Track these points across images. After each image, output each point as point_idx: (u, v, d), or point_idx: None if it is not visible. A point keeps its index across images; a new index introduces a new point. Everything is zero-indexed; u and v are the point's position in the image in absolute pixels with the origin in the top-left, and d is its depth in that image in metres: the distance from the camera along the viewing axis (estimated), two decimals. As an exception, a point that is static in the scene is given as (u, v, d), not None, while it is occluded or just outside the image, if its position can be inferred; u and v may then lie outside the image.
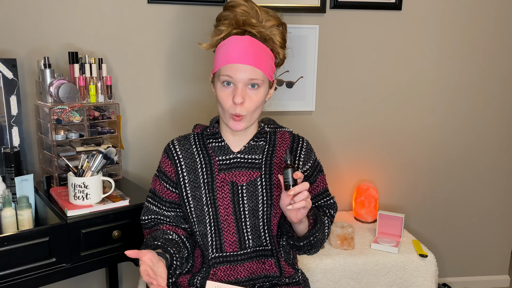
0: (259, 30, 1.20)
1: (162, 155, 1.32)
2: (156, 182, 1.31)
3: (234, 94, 1.17)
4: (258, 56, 1.18)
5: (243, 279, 1.24)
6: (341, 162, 2.13)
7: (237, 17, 1.22)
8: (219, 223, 1.23)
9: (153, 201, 1.30)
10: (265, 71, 1.19)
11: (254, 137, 1.29)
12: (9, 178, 1.44)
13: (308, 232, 1.22)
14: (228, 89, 1.19)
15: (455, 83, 2.13)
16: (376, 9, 1.98)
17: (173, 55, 1.87)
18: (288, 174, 1.11)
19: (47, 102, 1.57)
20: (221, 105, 1.20)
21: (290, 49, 1.37)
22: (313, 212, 1.24)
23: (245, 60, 1.16)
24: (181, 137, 1.33)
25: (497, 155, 2.24)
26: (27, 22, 1.70)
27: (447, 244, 2.31)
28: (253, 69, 1.17)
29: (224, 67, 1.18)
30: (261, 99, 1.20)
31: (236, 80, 1.17)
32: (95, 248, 1.39)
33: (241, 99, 1.16)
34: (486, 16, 2.07)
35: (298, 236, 1.24)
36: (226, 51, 1.19)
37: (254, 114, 1.22)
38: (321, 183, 1.34)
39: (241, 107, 1.17)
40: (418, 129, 2.15)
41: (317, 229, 1.23)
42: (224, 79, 1.18)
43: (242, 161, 1.26)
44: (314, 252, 1.30)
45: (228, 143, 1.28)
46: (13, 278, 1.24)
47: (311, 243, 1.24)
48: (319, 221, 1.24)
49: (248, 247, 1.25)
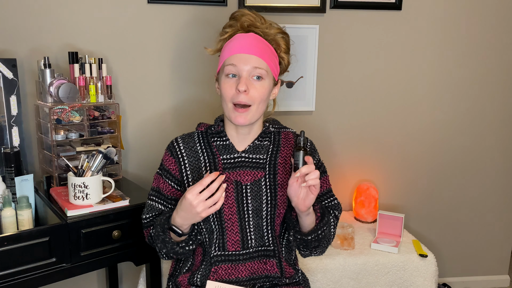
0: (263, 31, 1.24)
1: (165, 152, 1.30)
2: (159, 180, 1.30)
3: (238, 83, 1.18)
4: (262, 49, 1.21)
5: (244, 278, 1.24)
6: (341, 162, 2.13)
7: (242, 23, 1.26)
8: (222, 222, 1.23)
9: (158, 199, 1.29)
10: (269, 63, 1.21)
11: (258, 137, 1.29)
12: (9, 178, 1.44)
13: (316, 226, 1.21)
14: (232, 80, 1.20)
15: (455, 83, 2.13)
16: (376, 9, 1.98)
17: (173, 55, 1.87)
18: (299, 156, 1.10)
19: (47, 102, 1.57)
20: (224, 97, 1.21)
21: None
22: (320, 206, 1.24)
23: (249, 50, 1.19)
24: (185, 135, 1.32)
25: (497, 155, 2.24)
26: (27, 22, 1.70)
27: (447, 244, 2.31)
28: (257, 58, 1.19)
29: (228, 58, 1.20)
30: (266, 92, 1.21)
31: (240, 69, 1.18)
32: (95, 248, 1.39)
33: (245, 87, 1.17)
34: (486, 16, 2.07)
35: (305, 231, 1.23)
36: (231, 46, 1.22)
37: (259, 108, 1.21)
38: (325, 183, 1.34)
39: (245, 96, 1.17)
40: (418, 129, 2.15)
41: (325, 222, 1.22)
42: (228, 69, 1.19)
43: (247, 161, 1.26)
44: (320, 253, 1.29)
45: (233, 142, 1.28)
46: (13, 278, 1.24)
47: (319, 238, 1.22)
48: (326, 214, 1.24)
49: (251, 247, 1.25)
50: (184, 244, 1.20)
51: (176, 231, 1.17)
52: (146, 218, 1.30)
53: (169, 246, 1.19)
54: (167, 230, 1.18)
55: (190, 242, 1.20)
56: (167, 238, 1.19)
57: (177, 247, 1.20)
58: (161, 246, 1.21)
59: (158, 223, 1.22)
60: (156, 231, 1.22)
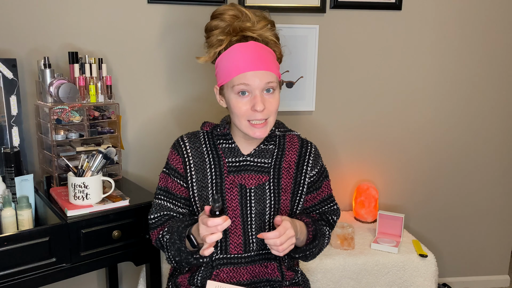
0: (259, 34, 1.19)
1: (171, 151, 1.29)
2: (167, 179, 1.27)
3: (254, 103, 1.14)
4: (267, 59, 1.17)
5: (245, 281, 1.24)
6: (341, 162, 2.13)
7: (230, 23, 1.19)
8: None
9: (167, 199, 1.27)
10: (276, 73, 1.19)
11: (264, 140, 1.27)
12: (9, 178, 1.44)
13: (305, 246, 1.23)
14: (244, 99, 1.16)
15: (455, 83, 2.13)
16: (376, 9, 1.98)
17: (173, 55, 1.87)
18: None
19: (47, 102, 1.57)
20: (237, 114, 1.17)
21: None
22: (314, 228, 1.24)
23: (258, 66, 1.14)
24: (191, 134, 1.30)
25: (497, 155, 2.24)
26: (27, 22, 1.70)
27: (447, 244, 2.31)
28: (267, 73, 1.15)
29: (237, 77, 1.15)
30: (278, 102, 1.20)
31: (253, 87, 1.14)
32: (95, 248, 1.39)
33: (262, 106, 1.14)
34: (486, 15, 2.07)
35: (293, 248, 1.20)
36: (234, 61, 1.16)
37: (275, 117, 1.21)
38: (326, 189, 1.34)
39: (262, 113, 1.16)
40: (418, 129, 2.15)
41: (315, 245, 1.23)
42: (239, 88, 1.15)
43: (252, 164, 1.25)
44: (310, 260, 1.30)
45: (239, 145, 1.27)
46: (13, 278, 1.24)
47: (305, 255, 1.24)
48: (318, 236, 1.24)
49: (252, 250, 1.25)
50: (199, 255, 1.14)
51: (193, 241, 1.12)
52: (154, 218, 1.27)
53: (184, 256, 1.15)
54: (184, 238, 1.14)
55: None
56: (183, 247, 1.14)
57: (191, 257, 1.14)
58: (175, 254, 1.18)
59: (175, 230, 1.17)
60: (171, 237, 1.18)
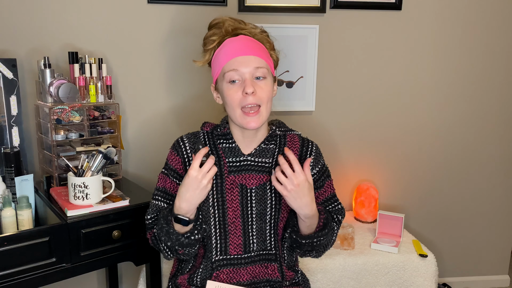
0: (250, 31, 1.24)
1: (170, 151, 1.29)
2: (166, 180, 1.27)
3: (244, 86, 1.16)
4: (257, 48, 1.21)
5: (245, 282, 1.24)
6: (341, 162, 2.13)
7: (227, 28, 1.25)
8: (226, 225, 1.22)
9: (164, 199, 1.27)
10: (267, 61, 1.21)
11: (265, 140, 1.27)
12: (9, 178, 1.44)
13: (314, 233, 1.20)
14: (236, 85, 1.18)
15: (455, 82, 2.13)
16: (376, 9, 1.98)
17: (173, 55, 1.87)
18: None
19: (47, 102, 1.57)
20: (231, 104, 1.19)
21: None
22: (326, 216, 1.22)
23: (247, 52, 1.18)
24: (190, 135, 1.30)
25: (497, 155, 2.24)
26: (27, 22, 1.70)
27: (447, 244, 2.31)
28: (256, 58, 1.18)
29: (227, 64, 1.18)
30: (270, 90, 1.21)
31: (242, 72, 1.17)
32: (95, 248, 1.39)
33: (252, 89, 1.15)
34: (486, 15, 2.07)
35: (302, 234, 1.22)
36: (224, 52, 1.20)
37: (268, 107, 1.20)
38: (329, 188, 1.32)
39: (253, 97, 1.16)
40: (418, 129, 2.15)
41: (324, 233, 1.20)
42: (229, 75, 1.18)
43: (253, 164, 1.25)
44: (316, 256, 1.29)
45: (239, 145, 1.27)
46: (13, 278, 1.24)
47: (313, 244, 1.21)
48: (328, 226, 1.22)
49: (252, 251, 1.24)
50: (189, 234, 1.16)
51: (182, 219, 1.13)
52: (150, 218, 1.27)
53: (174, 238, 1.15)
54: (171, 221, 1.15)
55: (195, 232, 1.16)
56: (171, 229, 1.15)
57: (182, 237, 1.15)
58: (166, 239, 1.17)
59: (160, 216, 1.19)
60: (159, 223, 1.18)
